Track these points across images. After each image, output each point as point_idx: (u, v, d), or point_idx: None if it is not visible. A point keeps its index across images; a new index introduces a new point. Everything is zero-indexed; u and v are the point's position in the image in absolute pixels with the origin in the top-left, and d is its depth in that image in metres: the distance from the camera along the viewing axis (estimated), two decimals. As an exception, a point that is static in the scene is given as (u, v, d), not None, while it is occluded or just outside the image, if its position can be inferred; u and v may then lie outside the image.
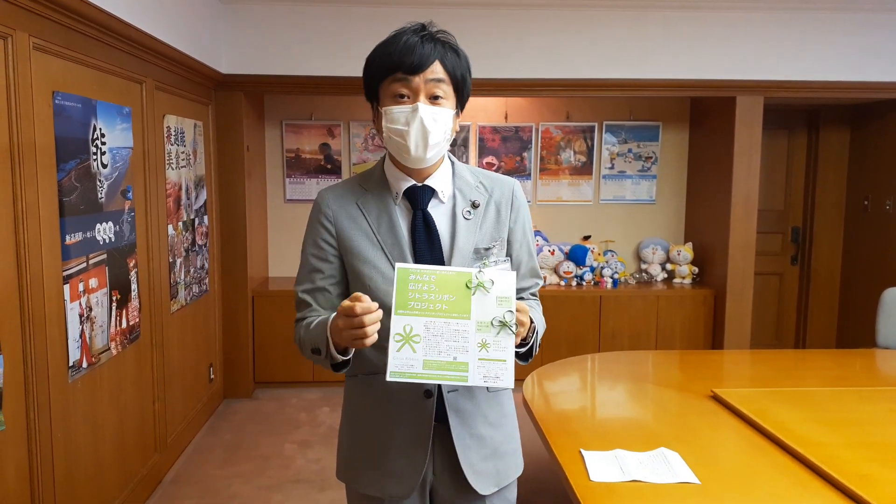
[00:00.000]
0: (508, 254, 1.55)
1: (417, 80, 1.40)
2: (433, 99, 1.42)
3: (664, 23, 4.54)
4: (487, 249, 1.49)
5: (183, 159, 3.78)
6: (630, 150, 5.34)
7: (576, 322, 4.91)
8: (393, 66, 1.40)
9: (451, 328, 1.33)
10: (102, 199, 2.76)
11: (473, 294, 1.34)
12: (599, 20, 4.52)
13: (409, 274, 1.34)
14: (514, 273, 1.38)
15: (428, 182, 1.50)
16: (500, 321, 1.34)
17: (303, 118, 5.15)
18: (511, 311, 1.34)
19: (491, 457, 1.53)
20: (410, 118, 1.41)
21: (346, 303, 1.29)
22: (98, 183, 2.72)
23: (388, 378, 1.30)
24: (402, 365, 1.31)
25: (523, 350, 1.45)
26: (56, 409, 2.41)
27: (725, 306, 4.83)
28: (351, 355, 1.41)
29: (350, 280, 1.52)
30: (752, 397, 2.40)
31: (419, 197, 1.49)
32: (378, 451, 1.51)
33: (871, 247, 5.22)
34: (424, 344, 1.32)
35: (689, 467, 1.86)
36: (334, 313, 1.37)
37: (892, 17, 4.58)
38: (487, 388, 1.52)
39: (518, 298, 1.52)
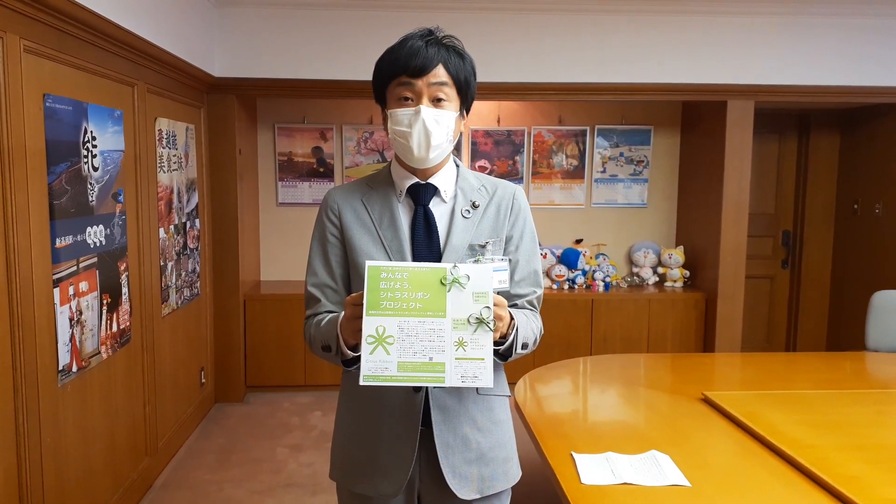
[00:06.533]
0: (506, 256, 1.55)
1: (420, 83, 1.44)
2: (436, 101, 1.46)
3: (656, 27, 4.56)
4: (482, 246, 1.51)
5: (174, 162, 3.77)
6: (622, 154, 5.36)
7: (567, 325, 4.91)
8: (398, 70, 1.45)
9: (426, 327, 1.30)
10: (93, 203, 2.75)
11: (449, 291, 1.31)
12: (591, 25, 4.54)
13: (381, 272, 1.31)
14: (491, 265, 1.37)
15: (431, 181, 1.54)
16: (477, 318, 1.30)
17: (295, 121, 5.14)
18: (488, 308, 1.31)
19: (475, 461, 1.51)
20: (413, 120, 1.45)
21: (354, 295, 1.33)
22: (89, 186, 2.71)
23: (362, 382, 1.29)
24: (376, 368, 1.28)
25: (503, 347, 1.41)
26: (45, 414, 2.39)
27: (716, 309, 4.85)
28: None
29: (352, 274, 1.54)
30: (743, 400, 2.41)
31: (421, 194, 1.53)
32: (368, 447, 1.52)
33: (860, 250, 5.25)
34: (398, 345, 1.29)
35: (679, 470, 1.86)
36: (343, 312, 1.40)
37: (882, 22, 4.62)
38: (477, 390, 1.52)
39: (512, 306, 1.52)
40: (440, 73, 1.45)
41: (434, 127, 1.45)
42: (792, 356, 4.00)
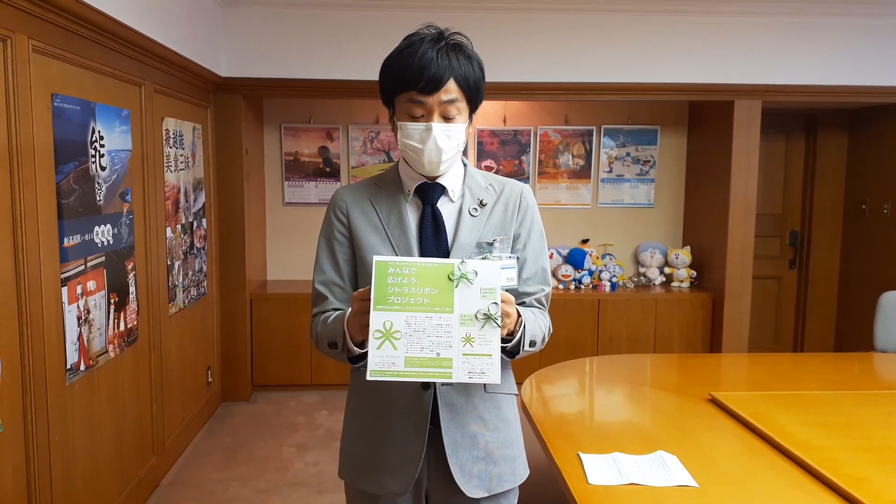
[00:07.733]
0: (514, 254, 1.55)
1: (431, 100, 1.43)
2: (446, 118, 1.46)
3: (663, 27, 4.55)
4: (490, 244, 1.51)
5: (181, 162, 3.78)
6: (628, 154, 5.35)
7: (574, 325, 4.91)
8: (408, 84, 1.43)
9: (434, 323, 1.29)
10: (101, 202, 2.76)
11: (456, 286, 1.30)
12: (598, 24, 4.54)
13: (388, 267, 1.30)
14: (499, 262, 1.37)
15: (439, 180, 1.54)
16: (485, 314, 1.30)
17: (301, 121, 5.15)
18: (496, 304, 1.31)
19: (483, 459, 1.51)
20: (425, 136, 1.45)
21: (362, 290, 1.34)
22: (97, 185, 2.72)
23: (369, 377, 1.29)
24: (383, 363, 1.28)
25: (510, 344, 1.41)
26: (54, 412, 2.40)
27: (723, 310, 4.83)
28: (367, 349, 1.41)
29: (359, 273, 1.55)
30: (750, 401, 2.40)
31: (429, 193, 1.53)
32: (376, 445, 1.52)
33: (868, 250, 5.22)
34: (406, 340, 1.28)
35: (687, 470, 1.86)
36: (350, 309, 1.40)
37: (890, 22, 4.60)
38: (485, 388, 1.52)
39: (520, 304, 1.52)
40: (451, 89, 1.43)
41: (445, 143, 1.45)
42: (799, 357, 3.98)
